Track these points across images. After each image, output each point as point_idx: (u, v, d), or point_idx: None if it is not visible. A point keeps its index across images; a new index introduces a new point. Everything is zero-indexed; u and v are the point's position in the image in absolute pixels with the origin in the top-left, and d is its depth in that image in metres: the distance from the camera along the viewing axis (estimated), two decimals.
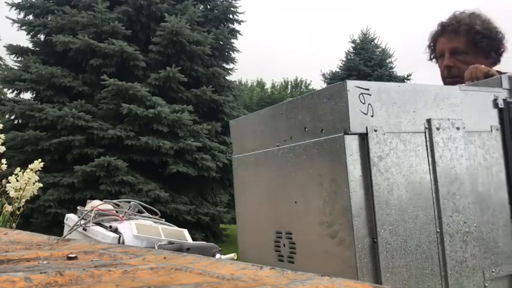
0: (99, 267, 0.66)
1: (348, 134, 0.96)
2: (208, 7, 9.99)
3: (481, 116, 1.24)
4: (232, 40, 9.66)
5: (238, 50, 9.74)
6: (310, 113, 1.07)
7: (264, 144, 1.23)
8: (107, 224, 1.73)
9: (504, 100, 1.28)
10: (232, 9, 9.65)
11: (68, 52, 8.08)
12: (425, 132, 1.07)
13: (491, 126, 1.24)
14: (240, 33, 9.82)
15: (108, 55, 7.92)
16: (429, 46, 1.84)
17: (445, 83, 1.76)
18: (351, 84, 0.97)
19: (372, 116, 0.99)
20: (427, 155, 1.07)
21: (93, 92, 8.21)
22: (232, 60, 9.76)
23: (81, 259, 0.77)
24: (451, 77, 1.71)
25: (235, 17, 9.71)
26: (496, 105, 1.27)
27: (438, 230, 1.05)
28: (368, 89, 0.99)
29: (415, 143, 1.06)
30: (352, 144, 0.96)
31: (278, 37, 68.11)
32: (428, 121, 1.09)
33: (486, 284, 1.14)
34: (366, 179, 0.96)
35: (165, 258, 0.74)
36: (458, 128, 1.14)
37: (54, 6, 8.72)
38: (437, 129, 1.10)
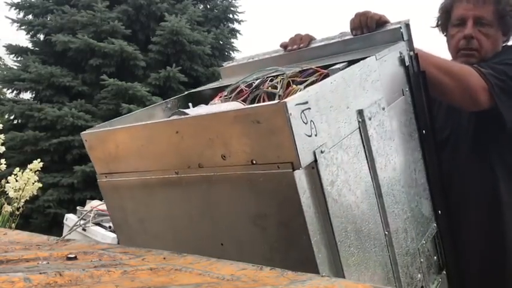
0: (99, 267, 0.66)
1: (298, 169, 0.74)
2: (208, 6, 9.98)
3: (394, 81, 1.07)
4: (232, 40, 9.66)
5: (238, 50, 9.74)
6: (229, 136, 0.80)
7: (151, 169, 0.94)
8: (107, 224, 1.73)
9: (409, 55, 1.12)
10: (232, 8, 9.65)
11: (68, 52, 8.07)
12: (359, 128, 0.89)
13: (402, 90, 1.10)
14: (240, 33, 9.82)
15: (108, 55, 7.91)
16: (443, 10, 1.59)
17: (456, 56, 1.54)
18: (291, 104, 0.73)
19: (316, 136, 0.77)
20: (365, 154, 0.90)
21: (93, 91, 8.20)
22: (232, 60, 9.76)
23: (80, 259, 0.77)
24: (469, 50, 1.49)
25: (235, 16, 9.71)
26: (402, 62, 1.10)
27: (386, 232, 0.93)
28: (307, 102, 0.76)
29: (354, 145, 0.88)
30: (303, 179, 0.74)
31: (278, 37, 68.17)
32: (360, 113, 0.89)
33: (422, 260, 1.07)
34: (323, 215, 0.77)
35: (164, 258, 0.74)
36: (383, 108, 0.98)
37: (54, 6, 8.70)
38: (370, 119, 0.92)
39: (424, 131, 1.13)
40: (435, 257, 1.15)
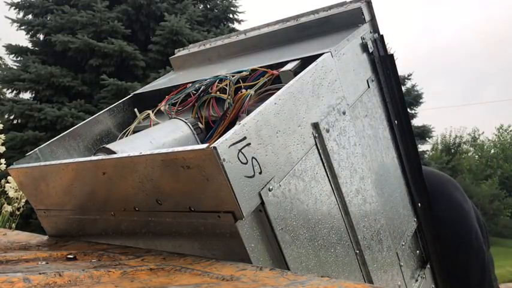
0: (98, 268, 0.66)
1: (240, 219, 0.64)
2: (208, 6, 9.99)
3: (357, 74, 0.95)
4: None
5: None
6: (160, 180, 0.69)
7: (86, 208, 0.87)
8: None
9: (372, 40, 0.99)
10: (232, 8, 9.66)
11: (67, 52, 8.08)
12: (316, 144, 0.79)
13: (367, 81, 0.98)
14: None
15: (108, 54, 7.92)
16: None
17: None
18: (224, 147, 0.60)
19: (260, 173, 0.67)
20: (325, 173, 0.81)
21: (93, 91, 8.21)
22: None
23: (80, 260, 0.77)
24: None
25: (235, 16, 9.73)
26: (365, 48, 0.98)
27: (357, 251, 0.86)
28: (245, 138, 0.65)
29: (311, 166, 0.78)
30: (248, 229, 0.65)
31: None
32: (316, 126, 0.78)
33: (401, 264, 1.00)
34: (278, 261, 0.69)
35: (164, 259, 0.74)
36: (344, 113, 0.87)
37: (54, 6, 8.72)
38: (327, 131, 0.81)
39: (396, 121, 1.01)
40: (418, 251, 1.09)
